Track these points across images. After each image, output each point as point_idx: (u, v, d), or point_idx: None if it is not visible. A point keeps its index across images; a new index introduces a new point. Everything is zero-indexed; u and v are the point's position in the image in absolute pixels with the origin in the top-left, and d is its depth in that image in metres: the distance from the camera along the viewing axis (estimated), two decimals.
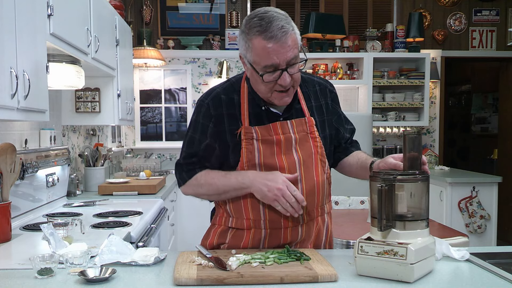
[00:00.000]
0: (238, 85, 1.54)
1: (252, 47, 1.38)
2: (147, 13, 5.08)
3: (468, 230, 4.19)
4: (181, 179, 1.59)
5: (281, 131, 1.49)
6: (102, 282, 1.22)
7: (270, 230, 1.49)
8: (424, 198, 1.29)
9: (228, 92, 1.53)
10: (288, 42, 1.36)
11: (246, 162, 1.48)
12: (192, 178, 1.55)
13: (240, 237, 1.51)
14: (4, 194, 1.81)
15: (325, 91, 1.62)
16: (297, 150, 1.50)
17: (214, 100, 1.51)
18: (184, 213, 4.46)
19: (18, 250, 1.68)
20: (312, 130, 1.53)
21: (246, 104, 1.50)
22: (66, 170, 2.80)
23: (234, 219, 1.53)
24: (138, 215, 2.38)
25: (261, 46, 1.36)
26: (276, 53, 1.36)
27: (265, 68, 1.38)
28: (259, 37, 1.36)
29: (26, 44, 1.73)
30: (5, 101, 1.57)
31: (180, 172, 1.58)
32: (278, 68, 1.38)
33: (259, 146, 1.47)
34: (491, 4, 5.33)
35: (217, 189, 1.50)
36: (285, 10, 1.48)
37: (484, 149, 6.89)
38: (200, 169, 1.55)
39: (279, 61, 1.36)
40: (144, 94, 5.18)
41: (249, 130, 1.47)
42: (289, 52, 1.37)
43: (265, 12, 1.39)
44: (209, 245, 1.56)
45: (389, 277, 1.21)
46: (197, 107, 1.54)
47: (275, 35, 1.34)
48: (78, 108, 3.17)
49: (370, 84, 4.94)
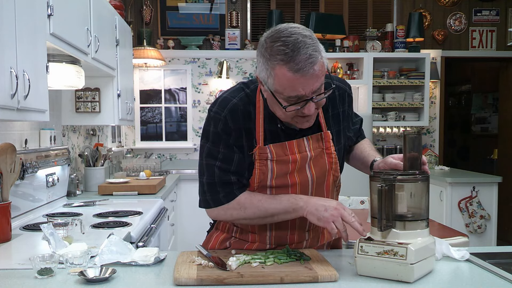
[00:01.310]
0: (253, 98, 1.41)
1: (274, 76, 1.24)
2: (147, 13, 5.08)
3: (468, 230, 4.19)
4: (213, 201, 1.42)
5: (297, 150, 1.40)
6: (102, 282, 1.22)
7: (275, 246, 1.48)
8: (424, 198, 1.29)
9: (244, 104, 1.39)
10: (316, 72, 1.22)
11: (258, 182, 1.40)
12: (233, 201, 1.40)
13: (243, 245, 1.50)
14: (4, 194, 1.80)
15: (343, 97, 1.51)
16: (311, 168, 1.43)
17: (231, 113, 1.37)
18: (184, 213, 4.45)
19: (18, 250, 1.68)
20: (328, 145, 1.45)
21: (261, 120, 1.39)
22: (66, 170, 2.80)
23: (238, 229, 1.51)
24: (138, 215, 2.38)
25: (286, 78, 1.22)
26: (302, 86, 1.23)
27: (289, 99, 1.26)
28: (284, 67, 1.21)
29: (26, 44, 1.73)
30: (5, 101, 1.57)
31: (213, 193, 1.41)
32: (303, 99, 1.26)
33: (273, 166, 1.39)
34: (491, 4, 5.33)
35: (264, 212, 1.38)
36: (285, 10, 1.47)
37: (484, 149, 6.89)
38: (239, 190, 1.40)
39: (304, 92, 1.24)
40: (144, 94, 5.18)
41: (264, 150, 1.38)
42: (316, 82, 1.24)
43: (289, 35, 1.22)
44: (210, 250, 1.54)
45: (389, 277, 1.21)
46: (213, 120, 1.39)
47: (302, 68, 1.20)
48: (78, 108, 3.17)
49: (370, 84, 4.94)
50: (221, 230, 1.55)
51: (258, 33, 5.24)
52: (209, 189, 1.42)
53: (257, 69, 1.33)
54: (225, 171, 1.39)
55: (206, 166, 1.41)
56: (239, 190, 1.41)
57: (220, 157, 1.39)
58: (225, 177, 1.39)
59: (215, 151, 1.39)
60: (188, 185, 4.49)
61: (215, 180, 1.40)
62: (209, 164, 1.40)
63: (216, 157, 1.39)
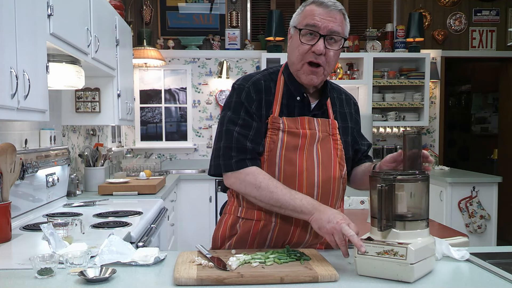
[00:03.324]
0: (275, 76, 1.56)
1: (302, 12, 1.47)
2: (147, 13, 5.08)
3: (468, 230, 4.19)
4: (225, 166, 1.46)
5: (308, 126, 1.50)
6: (102, 282, 1.22)
7: (280, 225, 1.50)
8: (424, 198, 1.29)
9: (266, 79, 1.54)
10: (336, 16, 1.44)
11: (268, 151, 1.48)
12: (241, 170, 1.45)
13: (249, 226, 1.52)
14: (4, 194, 1.80)
15: (350, 102, 1.69)
16: (317, 149, 1.51)
17: (254, 84, 1.51)
18: (184, 213, 4.46)
19: (18, 250, 1.68)
20: (334, 132, 1.55)
21: (280, 94, 1.52)
22: (66, 170, 2.80)
23: (244, 209, 1.54)
24: (138, 215, 2.38)
25: (310, 9, 1.45)
26: (321, 17, 1.43)
27: (307, 27, 1.44)
28: (313, 4, 1.46)
29: (26, 44, 1.73)
30: (5, 101, 1.57)
31: (226, 158, 1.46)
32: (318, 32, 1.43)
33: (284, 137, 1.48)
34: (491, 4, 5.33)
35: (275, 201, 1.41)
36: (285, 10, 1.56)
37: (484, 149, 6.88)
38: (251, 162, 1.45)
39: (321, 25, 1.43)
40: (144, 94, 5.19)
41: (277, 120, 1.48)
42: (333, 23, 1.43)
43: None
44: (221, 237, 1.57)
45: (389, 277, 1.21)
46: (237, 90, 1.52)
47: (326, 3, 1.44)
48: (78, 108, 3.17)
49: (370, 84, 4.94)
50: (228, 213, 1.59)
51: (258, 33, 5.24)
52: (224, 153, 1.47)
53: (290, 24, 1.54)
54: (244, 136, 1.46)
55: (225, 131, 1.48)
56: (251, 162, 1.46)
57: (240, 122, 1.48)
58: (242, 142, 1.46)
59: (236, 118, 1.48)
60: (188, 185, 4.49)
61: (232, 144, 1.46)
62: (229, 129, 1.48)
63: (236, 123, 1.48)
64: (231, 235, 1.56)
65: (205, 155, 5.25)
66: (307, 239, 1.54)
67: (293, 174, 1.48)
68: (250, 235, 1.52)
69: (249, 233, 1.52)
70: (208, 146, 5.24)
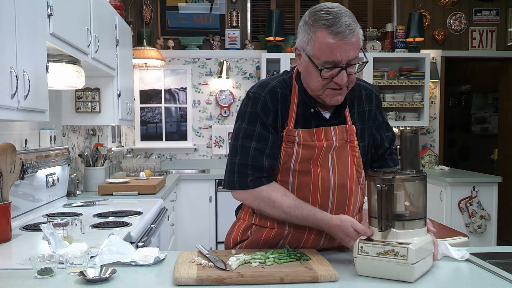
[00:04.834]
0: (290, 83, 1.49)
1: (315, 40, 1.34)
2: (147, 13, 5.08)
3: (468, 230, 4.19)
4: (239, 184, 1.44)
5: (324, 137, 1.45)
6: (102, 282, 1.22)
7: (293, 232, 1.49)
8: (421, 197, 1.29)
9: (282, 87, 1.47)
10: (353, 40, 1.33)
11: (282, 164, 1.45)
12: (264, 193, 1.43)
13: (262, 233, 1.52)
14: (4, 194, 1.80)
15: (371, 97, 1.58)
16: (333, 158, 1.46)
17: (270, 93, 1.44)
18: (184, 213, 4.46)
19: (18, 250, 1.68)
20: (351, 138, 1.49)
21: (295, 105, 1.45)
22: (66, 170, 2.80)
23: (258, 216, 1.53)
24: (138, 215, 2.38)
25: (326, 41, 1.32)
26: (339, 50, 1.32)
27: (325, 64, 1.34)
28: (325, 31, 1.32)
29: (26, 44, 1.73)
30: (5, 101, 1.57)
31: (242, 176, 1.43)
32: (338, 66, 1.34)
33: (299, 150, 1.43)
34: (491, 4, 5.33)
35: (288, 219, 1.44)
36: (285, 10, 1.50)
37: (484, 149, 6.88)
38: (267, 179, 1.44)
39: (341, 58, 1.33)
40: (144, 94, 5.19)
41: (292, 133, 1.43)
42: (352, 51, 1.33)
43: (332, 7, 1.36)
44: (233, 241, 1.58)
45: (390, 277, 1.22)
46: (252, 99, 1.45)
47: (343, 32, 1.31)
48: (78, 108, 3.17)
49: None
50: (243, 219, 1.58)
51: (258, 33, 5.24)
52: (239, 170, 1.43)
53: (297, 39, 1.43)
54: (260, 151, 1.42)
55: (241, 147, 1.44)
56: (267, 179, 1.44)
57: (256, 137, 1.43)
58: (259, 160, 1.42)
59: (251, 131, 1.43)
60: (188, 185, 4.49)
61: (248, 162, 1.42)
62: (245, 146, 1.43)
63: (252, 137, 1.43)
64: (242, 240, 1.56)
65: (205, 155, 5.25)
66: (321, 244, 1.52)
67: (308, 184, 1.45)
68: (261, 241, 1.51)
69: (261, 239, 1.51)
70: (208, 146, 5.24)
